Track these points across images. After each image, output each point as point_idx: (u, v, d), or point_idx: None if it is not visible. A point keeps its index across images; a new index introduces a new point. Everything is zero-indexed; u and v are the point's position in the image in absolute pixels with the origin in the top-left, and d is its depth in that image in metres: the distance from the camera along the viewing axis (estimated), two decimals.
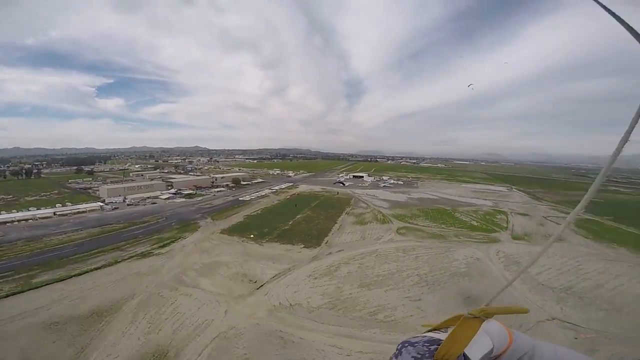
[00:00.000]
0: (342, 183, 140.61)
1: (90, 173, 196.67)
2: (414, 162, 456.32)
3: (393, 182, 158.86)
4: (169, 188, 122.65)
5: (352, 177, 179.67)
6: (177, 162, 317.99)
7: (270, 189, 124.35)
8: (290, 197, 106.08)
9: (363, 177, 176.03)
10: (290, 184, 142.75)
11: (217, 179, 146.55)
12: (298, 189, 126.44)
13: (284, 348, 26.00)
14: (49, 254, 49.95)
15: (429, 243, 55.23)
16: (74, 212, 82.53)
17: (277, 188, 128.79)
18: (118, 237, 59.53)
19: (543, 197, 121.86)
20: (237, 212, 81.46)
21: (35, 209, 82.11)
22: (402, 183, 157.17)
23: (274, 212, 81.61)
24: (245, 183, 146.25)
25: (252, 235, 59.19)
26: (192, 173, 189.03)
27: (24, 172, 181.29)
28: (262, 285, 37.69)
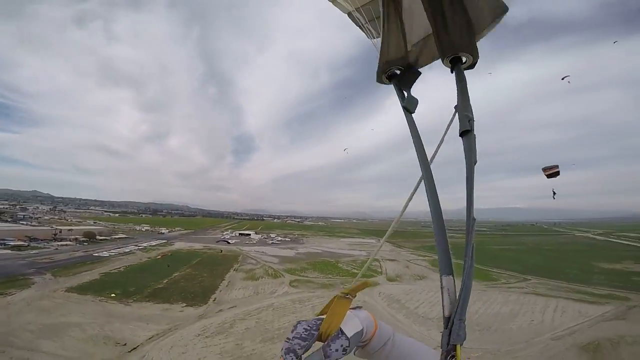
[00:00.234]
0: (226, 241, 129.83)
1: None
2: (299, 220, 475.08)
3: (281, 239, 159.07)
4: None
5: (238, 234, 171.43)
6: (3, 207, 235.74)
7: (137, 246, 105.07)
8: (163, 254, 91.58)
9: (250, 234, 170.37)
10: (164, 241, 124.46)
11: (62, 231, 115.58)
12: (173, 247, 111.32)
13: None
14: None
15: (321, 292, 55.73)
16: None
17: (145, 245, 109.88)
18: None
19: (403, 245, 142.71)
20: (90, 269, 65.10)
21: None
22: (289, 240, 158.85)
23: (143, 269, 68.70)
24: (102, 238, 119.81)
25: (113, 295, 47.61)
26: (24, 222, 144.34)
27: None
28: (134, 348, 29.47)
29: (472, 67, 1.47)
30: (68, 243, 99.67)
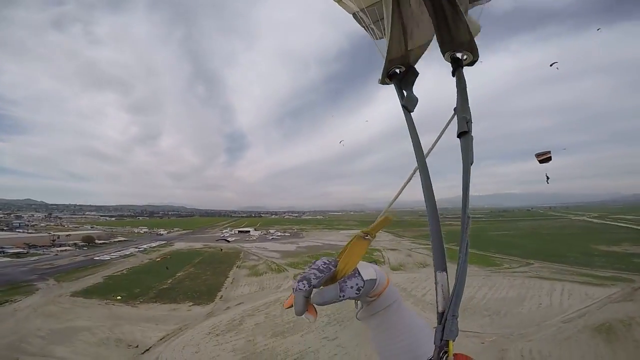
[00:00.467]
0: (226, 240, 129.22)
1: None
2: (297, 215, 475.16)
3: (280, 234, 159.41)
4: None
5: (237, 232, 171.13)
6: None
7: (137, 248, 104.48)
8: (162, 255, 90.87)
9: (249, 231, 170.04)
10: (163, 242, 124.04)
11: (60, 237, 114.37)
12: (174, 247, 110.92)
13: None
14: None
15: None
16: None
17: (145, 246, 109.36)
18: None
19: (403, 234, 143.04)
20: (93, 272, 64.67)
21: None
22: (289, 234, 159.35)
23: (146, 271, 68.22)
24: (102, 242, 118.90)
25: (119, 297, 47.32)
26: (20, 230, 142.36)
27: None
28: (147, 350, 29.33)
29: (472, 64, 1.49)
30: (67, 248, 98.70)
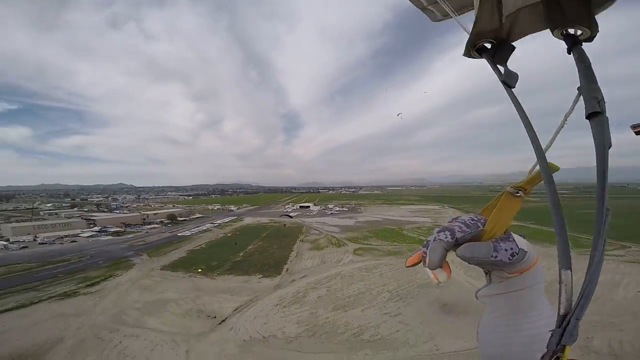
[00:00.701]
0: (288, 215, 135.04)
1: None
2: (353, 190, 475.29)
3: (338, 209, 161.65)
4: (92, 226, 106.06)
5: (299, 207, 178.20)
6: (98, 200, 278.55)
7: (213, 224, 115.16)
8: (234, 230, 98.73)
9: (309, 206, 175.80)
10: (234, 217, 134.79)
11: (148, 216, 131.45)
12: (244, 222, 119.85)
13: None
14: None
15: (388, 260, 55.36)
16: None
17: (220, 222, 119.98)
18: (30, 276, 49.27)
19: (471, 211, 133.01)
20: (177, 247, 72.94)
21: None
22: (347, 209, 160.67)
23: (221, 245, 74.96)
24: (183, 219, 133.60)
25: (199, 270, 52.72)
26: (117, 211, 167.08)
27: None
28: (224, 320, 32.63)
29: (590, 40, 1.26)
30: (155, 226, 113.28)
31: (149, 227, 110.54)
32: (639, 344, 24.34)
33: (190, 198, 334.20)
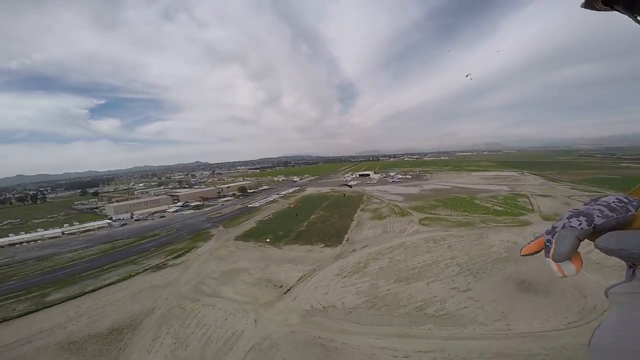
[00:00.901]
0: (348, 185, 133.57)
1: (95, 194, 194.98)
2: (417, 157, 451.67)
3: (401, 177, 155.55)
4: (176, 202, 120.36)
5: (358, 176, 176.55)
6: (180, 177, 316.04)
7: (278, 194, 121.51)
8: (296, 201, 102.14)
9: (369, 175, 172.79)
10: (297, 188, 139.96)
11: (223, 189, 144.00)
12: (306, 192, 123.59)
13: (328, 357, 22.65)
14: (61, 272, 48.21)
15: (458, 231, 51.76)
16: (82, 230, 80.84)
17: (284, 193, 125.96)
18: (129, 251, 57.50)
19: (558, 178, 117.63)
20: (248, 218, 78.71)
21: (43, 230, 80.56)
22: (410, 177, 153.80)
23: (286, 215, 78.71)
24: (252, 191, 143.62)
25: (268, 240, 56.32)
26: (196, 186, 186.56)
27: (29, 197, 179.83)
28: (288, 290, 34.46)
29: None
30: (229, 198, 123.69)
31: (224, 199, 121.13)
32: None
33: (258, 171, 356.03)
